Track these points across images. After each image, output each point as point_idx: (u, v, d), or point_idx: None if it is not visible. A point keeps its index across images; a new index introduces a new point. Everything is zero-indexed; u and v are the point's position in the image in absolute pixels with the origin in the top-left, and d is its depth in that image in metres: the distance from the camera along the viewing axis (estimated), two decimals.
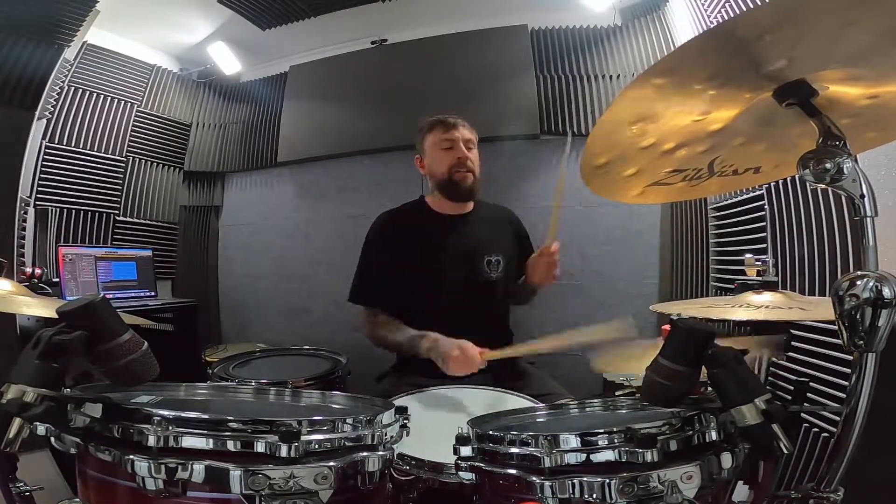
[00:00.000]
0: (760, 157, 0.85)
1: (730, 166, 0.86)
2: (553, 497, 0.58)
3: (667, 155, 0.81)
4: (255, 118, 3.18)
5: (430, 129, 1.55)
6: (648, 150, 0.79)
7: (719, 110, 0.73)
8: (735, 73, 0.65)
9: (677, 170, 0.86)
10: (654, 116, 0.73)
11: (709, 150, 0.81)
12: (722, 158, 0.84)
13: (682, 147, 0.79)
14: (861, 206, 0.61)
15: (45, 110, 2.52)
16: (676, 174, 0.87)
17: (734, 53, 0.61)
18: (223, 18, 2.83)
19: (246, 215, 3.26)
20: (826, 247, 1.38)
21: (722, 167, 0.86)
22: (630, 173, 0.85)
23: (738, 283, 1.24)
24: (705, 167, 0.86)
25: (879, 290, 0.56)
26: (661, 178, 0.87)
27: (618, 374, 1.89)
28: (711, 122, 0.75)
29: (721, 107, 0.72)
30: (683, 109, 0.72)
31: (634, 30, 2.54)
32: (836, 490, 0.61)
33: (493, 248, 1.55)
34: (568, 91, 2.57)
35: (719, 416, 0.62)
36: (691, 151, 0.81)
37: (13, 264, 2.18)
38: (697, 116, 0.73)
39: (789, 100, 0.67)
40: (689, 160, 0.83)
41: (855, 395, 0.59)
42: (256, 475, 0.54)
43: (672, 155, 0.81)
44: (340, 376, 1.64)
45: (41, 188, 2.58)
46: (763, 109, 0.71)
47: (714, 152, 0.82)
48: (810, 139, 0.64)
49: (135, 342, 0.62)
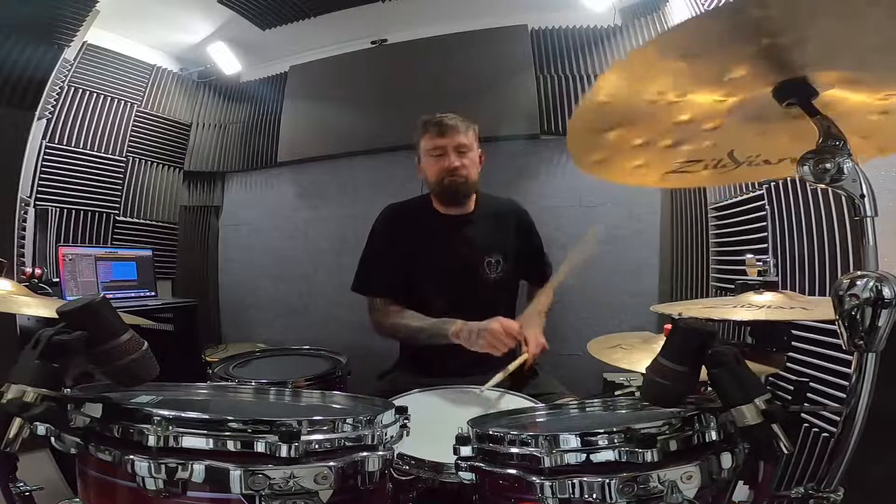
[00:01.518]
0: (787, 149, 0.84)
1: (757, 156, 0.85)
2: (553, 497, 0.58)
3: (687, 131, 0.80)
4: (255, 118, 3.18)
5: (424, 133, 1.52)
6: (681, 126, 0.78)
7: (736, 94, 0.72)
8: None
9: (691, 160, 0.85)
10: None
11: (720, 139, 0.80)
12: (743, 149, 0.83)
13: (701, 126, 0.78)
14: (861, 206, 0.60)
15: (45, 110, 2.52)
16: (695, 163, 0.86)
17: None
18: (223, 18, 2.83)
19: (246, 215, 3.26)
20: (826, 247, 1.38)
21: (748, 157, 0.85)
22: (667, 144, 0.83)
23: (738, 282, 1.23)
24: (725, 156, 0.85)
25: (879, 290, 0.56)
26: (679, 166, 0.87)
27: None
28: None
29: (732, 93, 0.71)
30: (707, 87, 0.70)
31: (634, 30, 2.54)
32: (836, 490, 0.61)
33: (493, 248, 1.54)
34: (568, 91, 2.57)
35: (719, 416, 0.62)
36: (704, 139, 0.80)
37: (13, 264, 2.18)
38: (720, 97, 0.72)
39: (789, 99, 0.66)
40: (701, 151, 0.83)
41: (855, 395, 0.59)
42: (256, 475, 0.54)
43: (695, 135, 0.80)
44: (340, 376, 1.63)
45: (41, 188, 2.58)
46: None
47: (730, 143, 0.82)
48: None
49: (135, 342, 0.62)
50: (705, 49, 0.63)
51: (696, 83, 0.69)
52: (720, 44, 0.61)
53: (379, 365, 1.61)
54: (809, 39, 0.59)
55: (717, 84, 0.68)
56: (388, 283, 1.48)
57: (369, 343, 1.54)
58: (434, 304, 1.47)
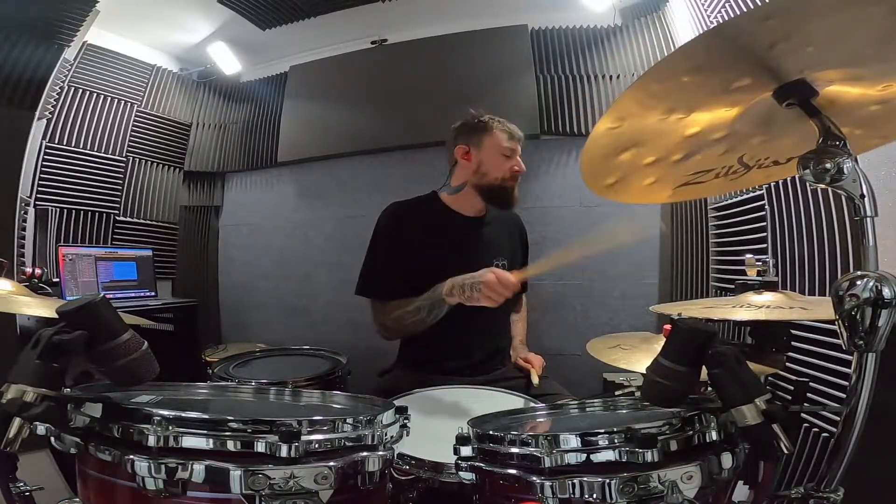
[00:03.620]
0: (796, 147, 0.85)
1: (766, 158, 0.85)
2: (553, 497, 0.58)
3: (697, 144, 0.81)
4: (255, 118, 3.18)
5: (493, 130, 1.50)
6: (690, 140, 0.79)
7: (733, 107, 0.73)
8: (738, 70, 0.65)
9: (702, 170, 0.86)
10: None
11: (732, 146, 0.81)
12: (752, 154, 0.84)
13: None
14: (861, 206, 0.61)
15: (45, 110, 2.52)
16: (706, 173, 0.87)
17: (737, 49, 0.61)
18: (223, 18, 2.83)
19: (246, 215, 3.26)
20: (826, 247, 1.38)
21: (758, 161, 0.85)
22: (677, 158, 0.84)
23: (738, 283, 1.23)
24: (735, 163, 0.85)
25: (879, 290, 0.56)
26: (690, 178, 0.88)
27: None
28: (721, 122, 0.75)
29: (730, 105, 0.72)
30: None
31: (634, 30, 2.54)
32: (836, 490, 0.61)
33: (501, 251, 1.54)
34: (568, 91, 2.57)
35: (719, 416, 0.62)
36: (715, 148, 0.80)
37: (13, 264, 2.18)
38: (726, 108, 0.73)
39: (789, 100, 0.67)
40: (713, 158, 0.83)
41: (855, 395, 0.59)
42: (256, 475, 0.54)
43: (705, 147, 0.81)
44: (340, 376, 1.63)
45: (41, 188, 2.58)
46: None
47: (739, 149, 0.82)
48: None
49: (135, 342, 0.62)
50: (710, 66, 0.63)
51: (702, 98, 0.70)
52: (724, 59, 0.62)
53: (379, 365, 1.61)
54: (807, 42, 0.59)
55: (722, 94, 0.69)
56: (396, 286, 1.43)
57: (369, 343, 1.53)
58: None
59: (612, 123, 0.73)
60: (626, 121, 0.73)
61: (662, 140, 0.78)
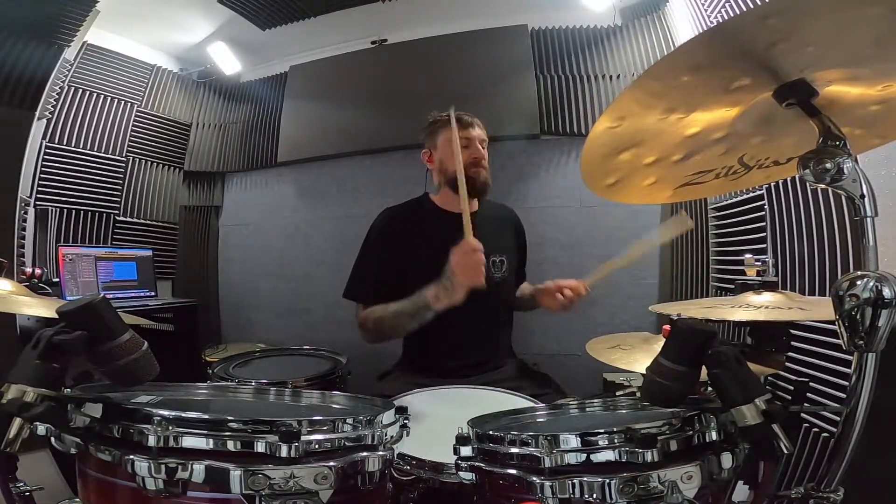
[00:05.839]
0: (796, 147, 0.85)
1: (766, 158, 0.85)
2: (553, 497, 0.58)
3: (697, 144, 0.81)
4: (255, 118, 3.19)
5: (444, 126, 1.51)
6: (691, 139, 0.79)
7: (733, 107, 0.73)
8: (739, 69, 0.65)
9: (702, 170, 0.86)
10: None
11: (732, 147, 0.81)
12: (753, 154, 0.84)
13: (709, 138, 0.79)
14: (861, 206, 0.61)
15: (45, 110, 2.53)
16: (706, 173, 0.87)
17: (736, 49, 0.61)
18: (223, 18, 2.83)
19: (246, 215, 3.26)
20: (826, 247, 1.38)
21: (758, 161, 0.85)
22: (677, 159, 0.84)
23: (737, 283, 1.24)
24: (735, 163, 0.85)
25: (879, 290, 0.56)
26: (690, 178, 0.88)
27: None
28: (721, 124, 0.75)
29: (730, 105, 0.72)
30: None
31: (634, 30, 2.54)
32: (836, 490, 0.61)
33: (497, 248, 1.54)
34: (568, 91, 2.57)
35: (719, 416, 0.62)
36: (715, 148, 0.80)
37: (13, 264, 2.18)
38: (726, 108, 0.73)
39: (789, 100, 0.67)
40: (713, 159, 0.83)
41: (855, 395, 0.60)
42: (256, 475, 0.54)
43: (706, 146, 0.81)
44: (340, 376, 1.64)
45: (41, 188, 2.58)
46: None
47: (740, 149, 0.82)
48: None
49: (135, 342, 0.62)
50: (710, 65, 0.63)
51: (702, 98, 0.70)
52: (724, 58, 0.62)
53: (379, 365, 1.61)
54: (807, 42, 0.59)
55: (722, 94, 0.69)
56: (375, 291, 1.44)
57: (369, 343, 1.53)
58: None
59: (611, 123, 0.73)
60: (625, 120, 0.73)
61: (662, 140, 0.78)
